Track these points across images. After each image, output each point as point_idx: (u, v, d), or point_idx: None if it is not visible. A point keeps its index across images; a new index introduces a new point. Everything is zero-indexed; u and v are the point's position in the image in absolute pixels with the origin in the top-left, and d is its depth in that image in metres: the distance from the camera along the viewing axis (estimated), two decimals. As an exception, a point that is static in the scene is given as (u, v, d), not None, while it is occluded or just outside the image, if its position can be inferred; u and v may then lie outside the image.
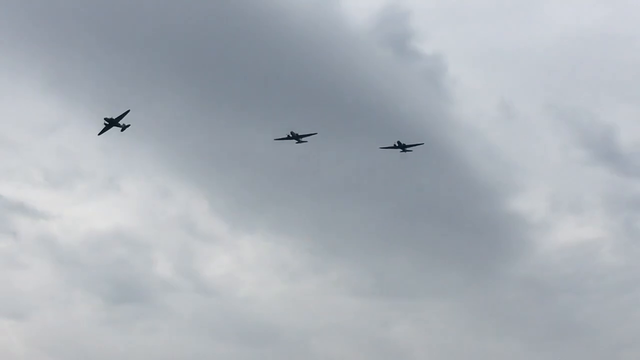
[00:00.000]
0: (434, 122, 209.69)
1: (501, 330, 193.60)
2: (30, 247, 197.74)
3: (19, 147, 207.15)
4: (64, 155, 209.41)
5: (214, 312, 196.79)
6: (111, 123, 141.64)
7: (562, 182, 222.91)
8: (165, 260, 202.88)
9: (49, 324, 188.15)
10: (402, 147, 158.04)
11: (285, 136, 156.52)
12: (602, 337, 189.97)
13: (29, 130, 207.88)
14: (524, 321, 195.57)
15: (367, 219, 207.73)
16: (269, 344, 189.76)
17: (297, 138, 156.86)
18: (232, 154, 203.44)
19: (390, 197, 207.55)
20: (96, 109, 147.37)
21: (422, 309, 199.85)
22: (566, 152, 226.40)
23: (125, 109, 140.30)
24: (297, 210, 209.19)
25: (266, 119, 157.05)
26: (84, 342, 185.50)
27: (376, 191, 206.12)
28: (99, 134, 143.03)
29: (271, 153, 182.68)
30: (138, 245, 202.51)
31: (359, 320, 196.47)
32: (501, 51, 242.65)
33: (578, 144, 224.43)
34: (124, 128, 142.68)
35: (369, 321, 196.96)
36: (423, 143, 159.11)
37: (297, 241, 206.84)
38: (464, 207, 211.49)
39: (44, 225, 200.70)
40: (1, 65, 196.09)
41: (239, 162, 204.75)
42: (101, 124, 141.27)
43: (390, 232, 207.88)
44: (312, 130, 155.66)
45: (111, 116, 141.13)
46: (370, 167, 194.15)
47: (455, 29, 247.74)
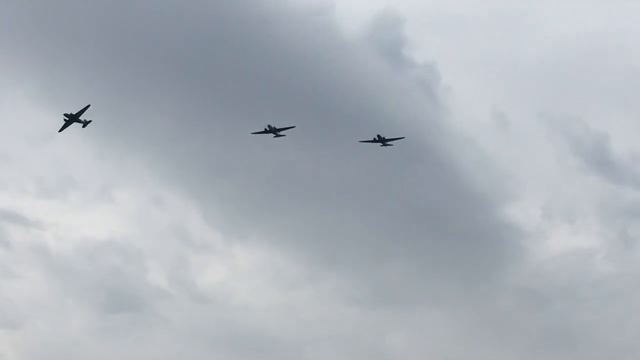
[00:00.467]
0: (427, 131, 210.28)
1: (497, 338, 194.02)
2: (23, 256, 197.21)
3: (12, 157, 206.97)
4: (57, 165, 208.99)
5: (209, 321, 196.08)
6: (71, 119, 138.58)
7: (555, 190, 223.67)
8: (159, 269, 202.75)
9: (42, 334, 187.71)
10: (382, 141, 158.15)
11: (263, 130, 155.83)
12: (597, 345, 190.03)
13: (21, 139, 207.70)
14: (519, 329, 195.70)
15: (362, 227, 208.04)
16: (264, 353, 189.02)
17: (274, 132, 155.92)
18: (227, 162, 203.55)
19: (385, 206, 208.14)
20: (89, 117, 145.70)
21: (418, 317, 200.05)
22: (560, 161, 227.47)
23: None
24: (292, 219, 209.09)
25: (261, 127, 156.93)
26: (78, 351, 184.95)
27: (371, 200, 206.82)
28: (59, 130, 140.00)
29: (266, 161, 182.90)
30: (132, 254, 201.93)
31: (355, 329, 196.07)
32: (494, 60, 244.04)
33: (572, 152, 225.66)
34: (85, 124, 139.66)
35: (364, 330, 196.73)
36: (404, 137, 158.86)
37: (291, 250, 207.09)
38: (459, 216, 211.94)
39: (37, 234, 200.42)
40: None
41: (233, 171, 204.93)
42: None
43: (385, 241, 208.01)
44: (290, 124, 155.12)
45: (71, 112, 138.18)
46: (364, 175, 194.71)
47: (449, 38, 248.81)
